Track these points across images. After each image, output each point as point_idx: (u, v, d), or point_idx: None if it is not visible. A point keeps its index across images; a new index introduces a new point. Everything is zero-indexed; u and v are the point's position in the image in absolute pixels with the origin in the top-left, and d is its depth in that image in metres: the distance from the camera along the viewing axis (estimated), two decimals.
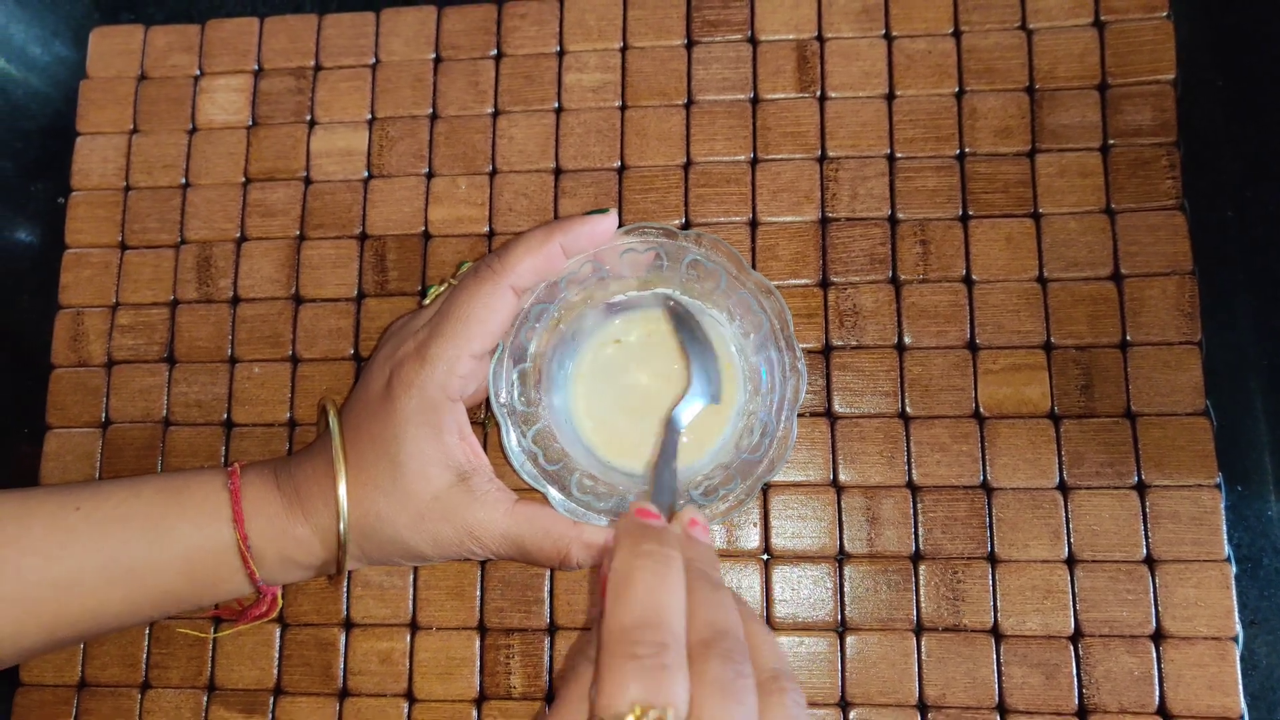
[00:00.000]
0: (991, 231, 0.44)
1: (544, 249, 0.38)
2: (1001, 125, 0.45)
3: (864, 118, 0.46)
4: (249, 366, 0.46)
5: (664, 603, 0.27)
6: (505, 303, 0.38)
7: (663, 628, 0.26)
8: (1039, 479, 0.41)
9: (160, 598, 0.37)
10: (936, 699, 0.40)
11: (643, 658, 0.25)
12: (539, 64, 0.48)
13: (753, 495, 0.39)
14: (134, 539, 0.37)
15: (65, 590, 0.36)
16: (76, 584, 0.36)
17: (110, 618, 0.37)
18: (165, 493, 0.38)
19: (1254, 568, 0.40)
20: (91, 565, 0.36)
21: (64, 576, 0.36)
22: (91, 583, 0.36)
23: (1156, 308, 0.43)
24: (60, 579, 0.36)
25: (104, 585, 0.36)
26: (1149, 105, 0.45)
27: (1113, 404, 0.42)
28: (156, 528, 0.37)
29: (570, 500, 0.39)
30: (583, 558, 0.38)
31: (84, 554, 0.36)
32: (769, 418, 0.39)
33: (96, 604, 0.36)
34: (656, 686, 0.25)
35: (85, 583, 0.36)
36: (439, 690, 0.42)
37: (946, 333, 0.43)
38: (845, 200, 0.45)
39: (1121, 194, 0.44)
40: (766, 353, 0.40)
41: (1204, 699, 0.39)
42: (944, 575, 0.41)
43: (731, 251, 0.40)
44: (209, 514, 0.37)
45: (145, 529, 0.37)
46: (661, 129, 0.47)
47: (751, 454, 0.39)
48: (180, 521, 0.37)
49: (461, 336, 0.37)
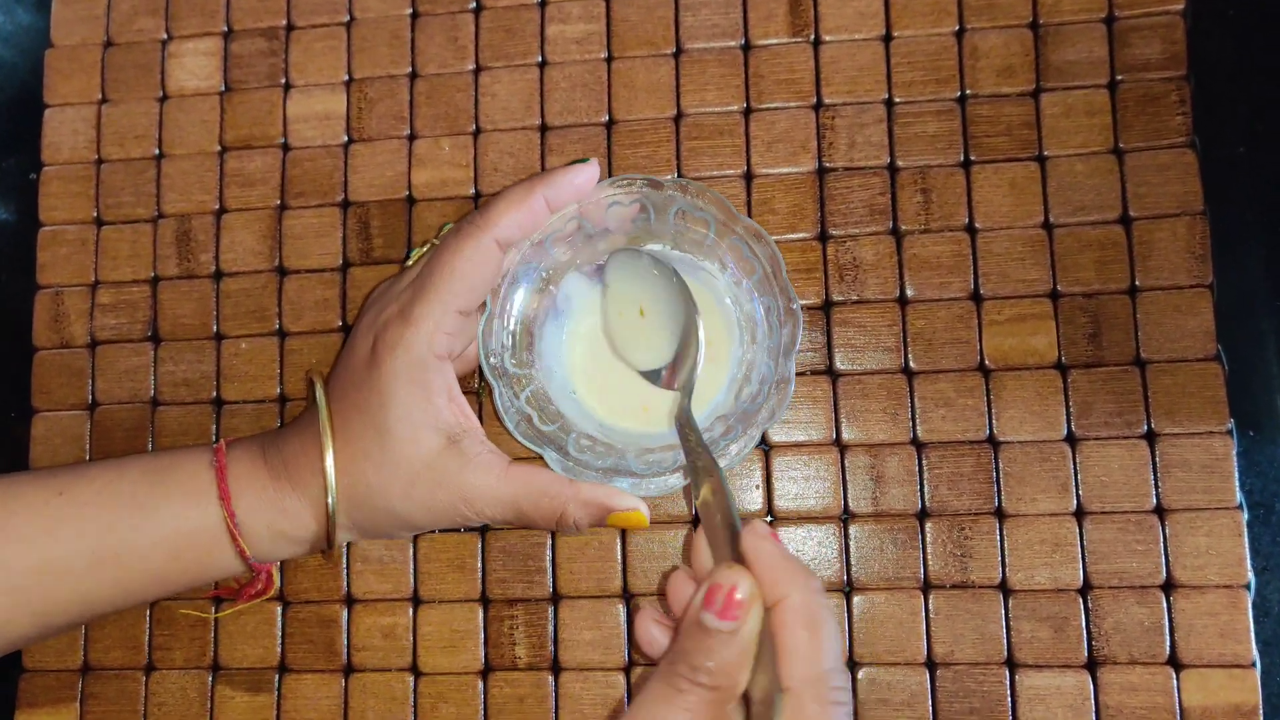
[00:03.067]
0: (995, 177, 0.42)
1: (527, 202, 0.37)
2: (1004, 64, 0.43)
3: (860, 61, 0.44)
4: (235, 342, 0.45)
5: (841, 647, 0.29)
6: (489, 257, 0.37)
7: (845, 675, 0.29)
8: (1046, 431, 0.41)
9: (150, 580, 0.37)
10: (945, 656, 0.40)
11: (844, 704, 0.28)
12: (520, 16, 0.46)
13: (752, 444, 0.38)
14: (119, 522, 0.36)
15: (53, 577, 0.35)
16: (64, 570, 0.35)
17: (102, 602, 0.37)
18: (150, 473, 0.37)
19: (1266, 514, 0.40)
20: (78, 550, 0.35)
21: (50, 563, 0.35)
22: (79, 568, 0.35)
23: (1166, 251, 0.41)
24: (47, 565, 0.35)
25: (92, 569, 0.36)
26: (1158, 38, 0.43)
27: (1121, 352, 0.41)
28: (142, 509, 0.36)
29: (568, 460, 0.38)
30: (580, 516, 0.37)
31: (70, 539, 0.35)
32: (766, 365, 0.38)
33: (86, 589, 0.36)
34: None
35: (73, 568, 0.35)
36: (444, 663, 0.41)
37: (950, 284, 0.42)
38: (843, 149, 0.43)
39: (1130, 133, 0.42)
40: (761, 299, 0.39)
41: (1215, 647, 0.39)
42: (951, 532, 0.40)
43: (718, 198, 0.38)
44: (195, 493, 0.37)
45: (131, 511, 0.36)
46: (650, 80, 0.45)
47: (751, 403, 0.38)
48: (166, 501, 0.37)
49: (446, 293, 0.36)
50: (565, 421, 0.39)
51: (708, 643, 0.28)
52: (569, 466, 0.38)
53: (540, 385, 0.40)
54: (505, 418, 0.38)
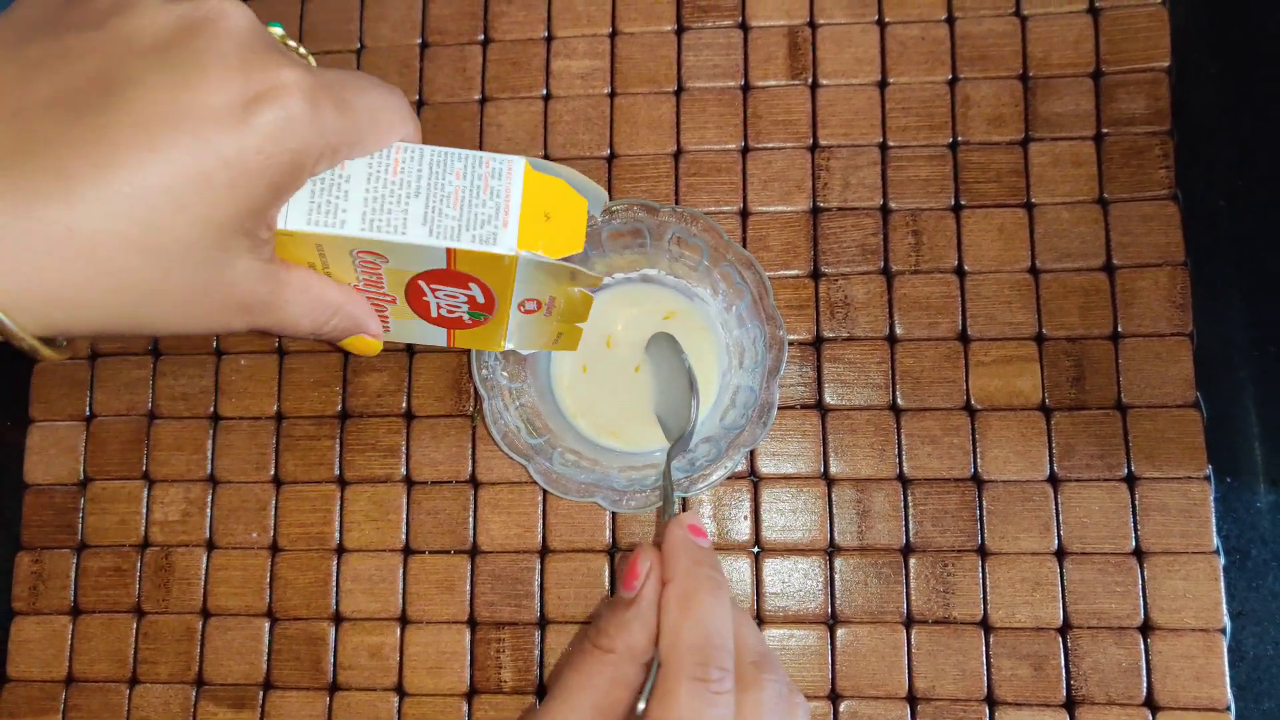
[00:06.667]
0: (984, 222, 0.44)
1: None
2: (995, 113, 0.44)
3: (856, 105, 0.45)
4: (235, 359, 0.46)
5: (725, 627, 0.28)
6: None
7: (725, 652, 0.28)
8: (1029, 471, 0.41)
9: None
10: (926, 691, 0.40)
11: (711, 681, 0.27)
12: (526, 50, 0.47)
13: (736, 466, 0.39)
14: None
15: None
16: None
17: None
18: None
19: (1242, 559, 0.40)
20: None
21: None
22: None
23: (1148, 299, 0.42)
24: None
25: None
26: (1143, 93, 0.44)
27: (1103, 396, 0.42)
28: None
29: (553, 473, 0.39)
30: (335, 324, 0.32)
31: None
32: (751, 390, 0.39)
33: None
34: (719, 710, 0.27)
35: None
36: (429, 684, 0.42)
37: (938, 324, 0.43)
38: (837, 190, 0.44)
39: (1114, 184, 0.43)
40: (749, 325, 0.40)
41: (1191, 690, 0.39)
42: (934, 568, 0.41)
43: (711, 225, 0.39)
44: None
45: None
46: (651, 116, 0.46)
47: (735, 425, 0.39)
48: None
49: None
50: (553, 435, 0.40)
51: (613, 610, 0.30)
52: (553, 480, 0.39)
53: (531, 398, 0.41)
54: (493, 429, 0.39)
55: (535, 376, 0.42)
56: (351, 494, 0.44)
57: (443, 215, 0.29)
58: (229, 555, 0.44)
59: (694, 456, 0.40)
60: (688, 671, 0.27)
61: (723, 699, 0.27)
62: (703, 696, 0.27)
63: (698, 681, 0.27)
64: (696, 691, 0.27)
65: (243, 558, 0.44)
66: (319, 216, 0.28)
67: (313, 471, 0.44)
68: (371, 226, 0.28)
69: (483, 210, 0.29)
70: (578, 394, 0.42)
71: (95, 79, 0.23)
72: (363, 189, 0.29)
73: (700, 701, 0.27)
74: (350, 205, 0.28)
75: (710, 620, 0.28)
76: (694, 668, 0.27)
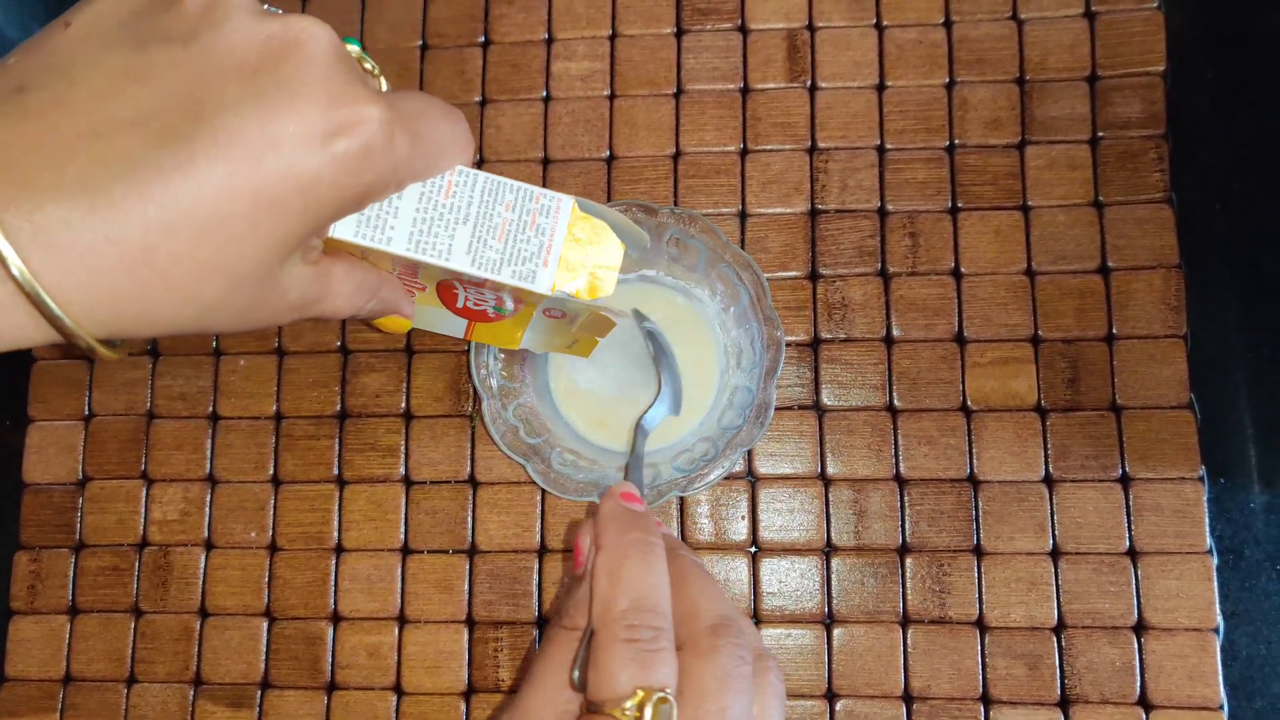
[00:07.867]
0: (980, 224, 0.44)
1: None
2: (991, 116, 0.45)
3: (854, 108, 0.45)
4: (234, 359, 0.46)
5: (656, 588, 0.28)
6: None
7: (657, 614, 0.27)
8: (1025, 472, 0.42)
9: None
10: (922, 690, 0.40)
11: (641, 642, 0.26)
12: (526, 52, 0.47)
13: (733, 465, 0.39)
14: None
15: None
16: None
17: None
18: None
19: (1236, 559, 0.41)
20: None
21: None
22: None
23: (1143, 301, 0.43)
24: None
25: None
26: (1138, 97, 0.44)
27: (1098, 397, 0.42)
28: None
29: (550, 473, 0.39)
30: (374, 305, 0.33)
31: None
32: (749, 390, 0.39)
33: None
34: (655, 670, 0.26)
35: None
36: (427, 683, 0.42)
37: (935, 325, 0.43)
38: (835, 192, 0.45)
39: (1110, 187, 0.44)
40: (746, 325, 0.40)
41: (1184, 689, 0.39)
42: (930, 568, 0.41)
43: (710, 226, 0.40)
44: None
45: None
46: (651, 118, 0.46)
47: (733, 425, 0.39)
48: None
49: None
50: (551, 435, 0.40)
51: (569, 590, 0.30)
52: (551, 479, 0.39)
53: (529, 399, 0.41)
54: (492, 429, 0.39)
55: (534, 376, 0.42)
56: (350, 494, 0.44)
57: (487, 246, 0.30)
58: (227, 555, 0.44)
59: (692, 455, 0.40)
60: (617, 635, 0.27)
61: (659, 658, 0.26)
62: (637, 658, 0.26)
63: (628, 643, 0.26)
64: (628, 653, 0.26)
65: (241, 557, 0.44)
66: (367, 230, 0.29)
67: (311, 471, 0.44)
68: (417, 248, 0.29)
69: (526, 247, 0.30)
70: (575, 395, 0.43)
71: (183, 101, 0.24)
72: (413, 208, 0.29)
73: (635, 664, 0.26)
74: (399, 223, 0.29)
75: (638, 584, 0.28)
76: (623, 630, 0.27)
